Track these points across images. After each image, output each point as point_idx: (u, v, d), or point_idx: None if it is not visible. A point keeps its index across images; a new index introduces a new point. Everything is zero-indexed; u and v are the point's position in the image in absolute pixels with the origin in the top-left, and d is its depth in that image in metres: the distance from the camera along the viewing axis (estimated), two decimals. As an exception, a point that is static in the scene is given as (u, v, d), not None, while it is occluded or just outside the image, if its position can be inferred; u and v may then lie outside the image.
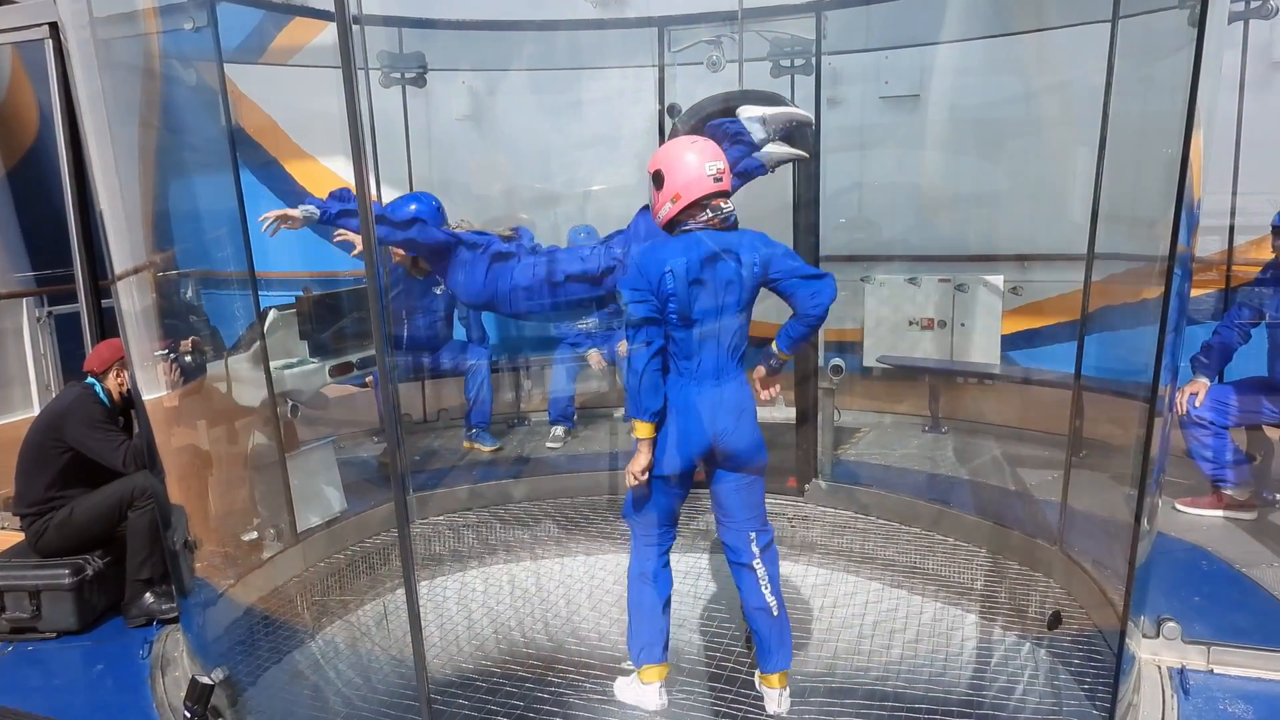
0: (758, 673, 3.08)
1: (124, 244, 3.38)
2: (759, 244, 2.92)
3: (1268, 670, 3.14)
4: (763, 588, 2.97)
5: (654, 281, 2.81)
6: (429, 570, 4.22)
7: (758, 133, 3.17)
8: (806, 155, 3.45)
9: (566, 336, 6.02)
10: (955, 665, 3.27)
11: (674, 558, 3.12)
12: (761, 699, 3.04)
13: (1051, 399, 5.20)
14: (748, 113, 3.14)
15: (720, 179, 2.86)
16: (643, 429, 2.87)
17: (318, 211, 3.43)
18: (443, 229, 3.72)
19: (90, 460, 3.88)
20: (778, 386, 3.16)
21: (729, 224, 2.89)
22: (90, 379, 3.99)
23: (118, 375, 3.99)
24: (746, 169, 3.32)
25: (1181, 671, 3.15)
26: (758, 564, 2.98)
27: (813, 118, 3.26)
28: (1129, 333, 3.64)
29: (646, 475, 2.91)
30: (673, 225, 2.92)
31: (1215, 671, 3.17)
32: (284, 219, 3.43)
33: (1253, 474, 4.43)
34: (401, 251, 4.83)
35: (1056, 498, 4.00)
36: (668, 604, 3.07)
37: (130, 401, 4.03)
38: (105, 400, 3.96)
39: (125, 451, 3.87)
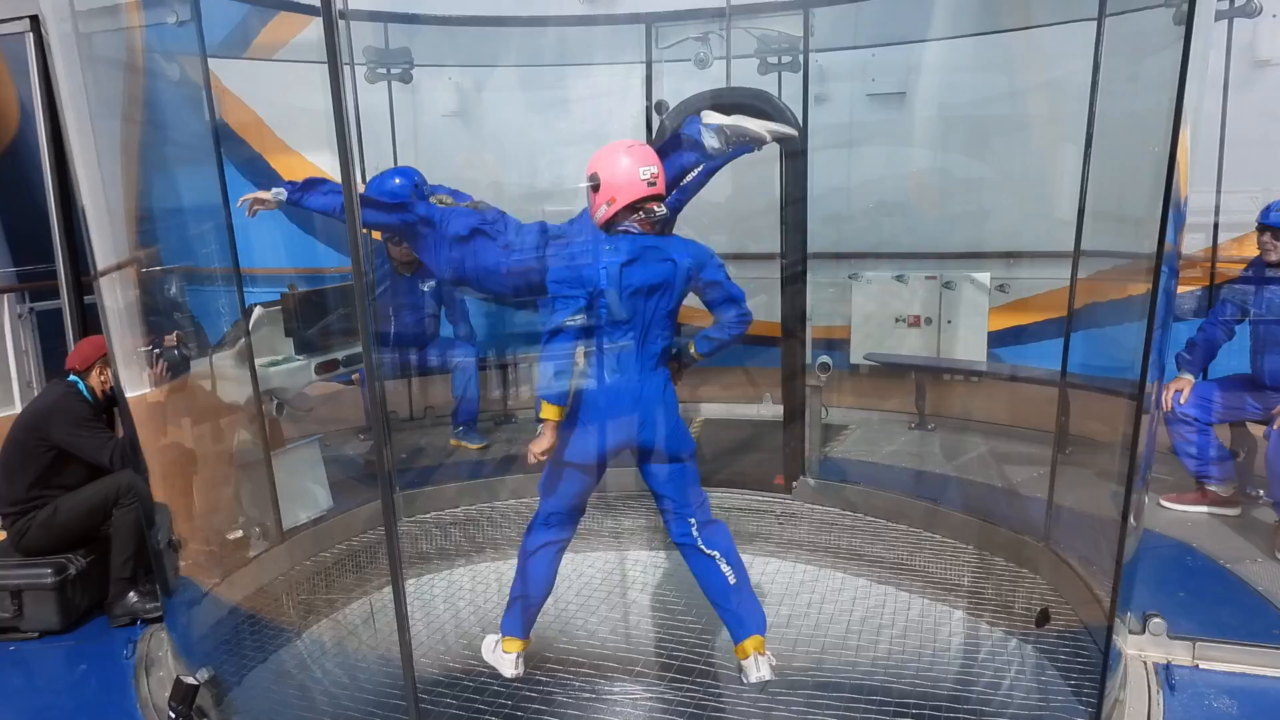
0: (735, 649, 3.11)
1: (107, 240, 3.35)
2: (692, 250, 3.04)
3: (1253, 665, 3.16)
4: (719, 564, 3.05)
5: (586, 277, 2.92)
6: (416, 568, 4.21)
7: (710, 141, 3.18)
8: (794, 132, 3.45)
9: None
10: (942, 661, 3.28)
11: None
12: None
13: (1038, 396, 5.22)
14: (708, 119, 3.17)
15: (654, 183, 2.96)
16: (549, 411, 2.93)
17: (285, 193, 3.53)
18: (423, 204, 3.75)
19: (74, 458, 3.84)
20: (679, 381, 3.25)
21: (660, 226, 3.03)
22: (73, 376, 3.95)
23: (100, 372, 3.95)
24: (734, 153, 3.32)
25: (1167, 667, 3.17)
26: (702, 544, 3.07)
27: (768, 137, 3.20)
28: (1115, 329, 3.65)
29: (545, 457, 2.97)
30: (609, 226, 3.02)
31: (1201, 667, 3.19)
32: (258, 201, 3.57)
33: (1236, 470, 4.46)
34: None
35: (1043, 494, 4.02)
36: (548, 588, 3.18)
37: (113, 399, 3.99)
38: (89, 398, 3.93)
39: (113, 449, 3.84)
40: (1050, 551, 3.83)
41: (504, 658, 3.16)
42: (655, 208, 2.97)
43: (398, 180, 4.07)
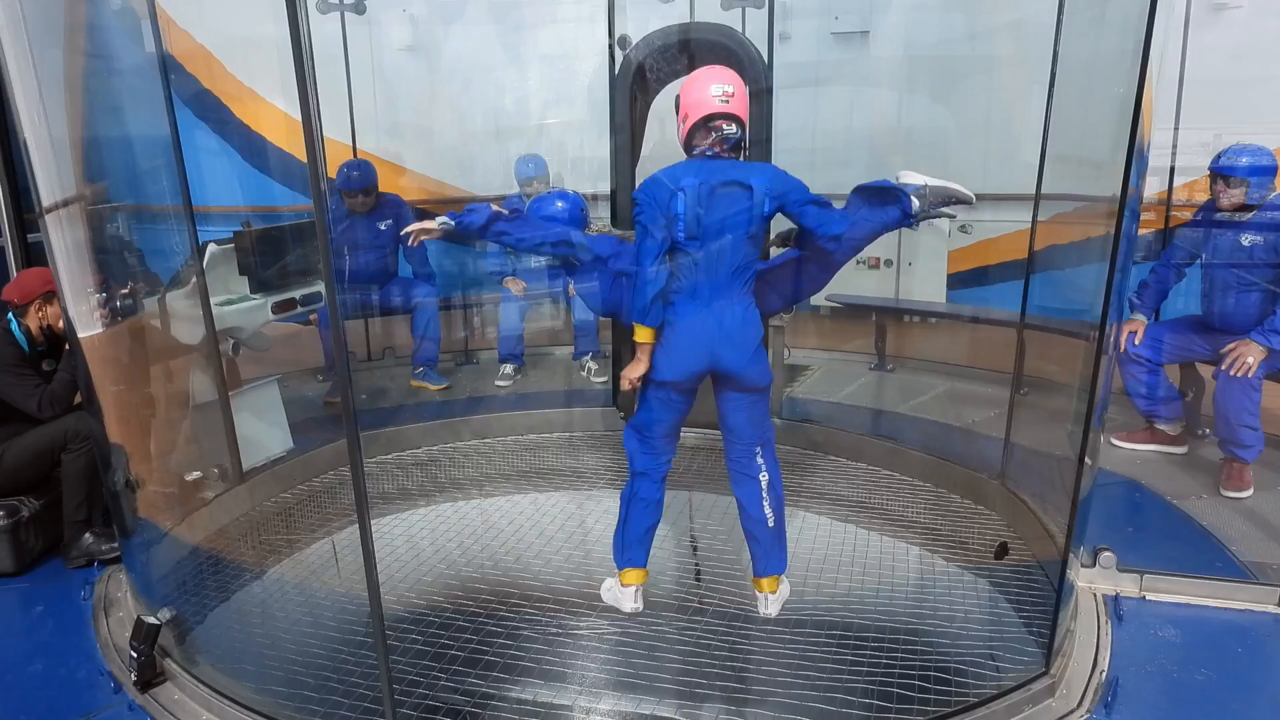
0: (751, 578, 3.24)
1: (52, 175, 3.23)
2: (773, 176, 2.95)
3: (1195, 596, 3.29)
4: (763, 501, 3.12)
5: (663, 201, 2.88)
6: (377, 509, 4.19)
7: (913, 205, 2.98)
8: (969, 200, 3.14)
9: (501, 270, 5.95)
10: (900, 595, 3.36)
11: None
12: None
13: (996, 337, 5.30)
14: (906, 179, 2.97)
15: (727, 100, 2.88)
16: (643, 334, 2.97)
17: (451, 223, 3.36)
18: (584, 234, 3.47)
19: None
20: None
21: (730, 145, 2.92)
22: (9, 313, 3.82)
23: (39, 310, 3.82)
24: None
25: (1116, 599, 3.28)
26: (762, 476, 3.13)
27: (973, 198, 2.98)
28: (1073, 272, 3.70)
29: (640, 383, 3.04)
30: (689, 149, 2.98)
31: (1147, 598, 3.30)
32: (424, 231, 3.37)
33: (1185, 410, 4.58)
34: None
35: (999, 434, 4.10)
36: (654, 512, 3.18)
37: (53, 337, 3.88)
38: (22, 339, 3.80)
39: (41, 396, 3.74)
40: (1005, 489, 3.92)
41: (623, 592, 3.19)
42: (725, 126, 2.89)
43: (560, 204, 3.76)
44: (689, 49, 4.22)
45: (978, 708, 2.63)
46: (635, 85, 4.25)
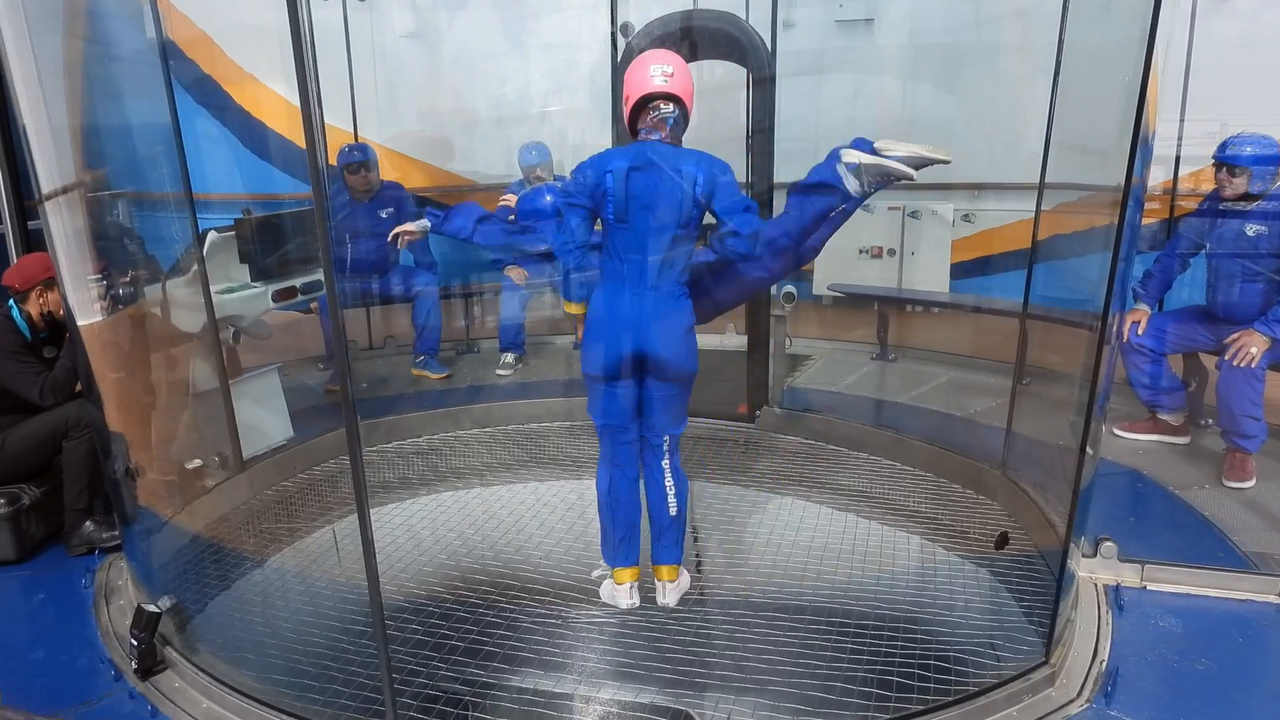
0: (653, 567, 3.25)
1: (51, 162, 3.22)
2: (706, 165, 2.92)
3: (1196, 586, 3.28)
4: (667, 489, 3.14)
5: (591, 181, 2.91)
6: (378, 498, 4.20)
7: (849, 183, 2.97)
8: (947, 159, 3.07)
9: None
10: (900, 584, 3.35)
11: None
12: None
13: (999, 327, 5.29)
14: (847, 157, 2.97)
15: (665, 80, 2.88)
16: (569, 307, 3.12)
17: (429, 223, 3.61)
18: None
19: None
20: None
21: (670, 125, 2.93)
22: (10, 300, 3.81)
23: (40, 296, 3.81)
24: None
25: (1117, 589, 3.27)
26: (666, 463, 3.13)
27: (914, 175, 2.95)
28: (1077, 261, 3.68)
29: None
30: (633, 131, 3.00)
31: (1148, 588, 3.29)
32: (406, 233, 3.67)
33: (1187, 400, 4.56)
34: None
35: (1001, 423, 4.09)
36: (632, 508, 3.17)
37: (55, 324, 3.87)
38: (23, 326, 3.79)
39: (43, 384, 3.74)
40: (1007, 478, 3.91)
41: (617, 590, 3.19)
42: (663, 105, 2.90)
43: (549, 198, 3.75)
44: (692, 36, 4.21)
45: (978, 697, 2.63)
46: (637, 73, 4.22)
